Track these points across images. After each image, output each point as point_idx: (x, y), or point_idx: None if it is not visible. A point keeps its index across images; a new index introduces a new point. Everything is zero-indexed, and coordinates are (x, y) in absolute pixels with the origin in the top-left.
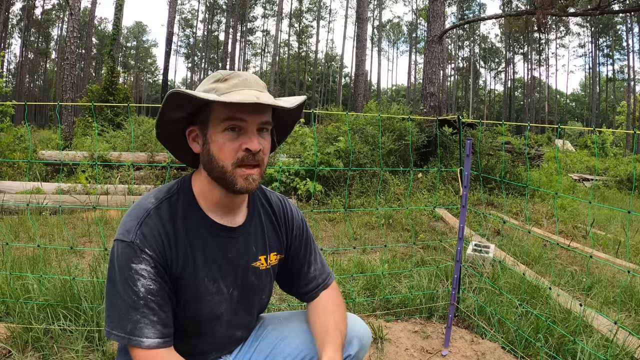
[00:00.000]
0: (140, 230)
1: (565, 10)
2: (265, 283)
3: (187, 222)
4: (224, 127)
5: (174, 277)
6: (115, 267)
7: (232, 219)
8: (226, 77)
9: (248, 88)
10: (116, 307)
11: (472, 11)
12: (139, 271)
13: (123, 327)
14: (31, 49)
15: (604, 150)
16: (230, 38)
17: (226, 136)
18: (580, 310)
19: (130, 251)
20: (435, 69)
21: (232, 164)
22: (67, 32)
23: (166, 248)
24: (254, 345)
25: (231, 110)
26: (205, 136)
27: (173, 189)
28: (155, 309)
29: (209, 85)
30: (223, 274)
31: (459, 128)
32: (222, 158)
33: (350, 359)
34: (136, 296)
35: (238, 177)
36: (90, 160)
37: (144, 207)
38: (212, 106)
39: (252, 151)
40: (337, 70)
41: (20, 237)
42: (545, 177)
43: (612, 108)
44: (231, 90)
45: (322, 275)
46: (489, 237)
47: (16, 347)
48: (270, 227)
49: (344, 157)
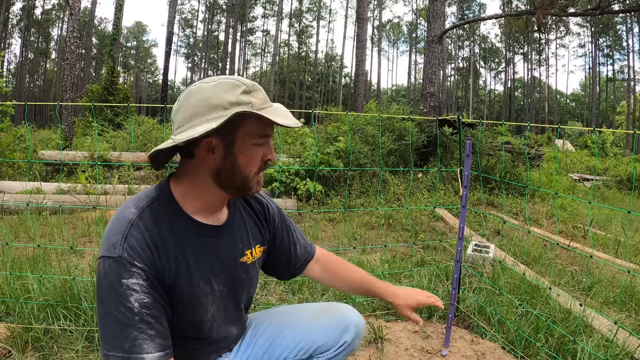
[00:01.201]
0: (126, 243)
1: (565, 10)
2: (252, 276)
3: (173, 227)
4: (257, 142)
5: (168, 286)
6: (105, 286)
7: (216, 218)
8: (250, 88)
9: (274, 105)
10: (111, 327)
11: (472, 11)
12: (130, 286)
13: (121, 347)
14: (31, 49)
15: (604, 150)
16: (230, 38)
17: (256, 150)
18: (580, 310)
19: (118, 267)
20: (435, 69)
21: (254, 173)
22: (67, 32)
23: (156, 258)
24: (253, 342)
25: (266, 127)
26: (232, 147)
27: (153, 195)
28: (152, 323)
29: (240, 97)
30: (215, 273)
31: (459, 128)
32: (249, 169)
33: (346, 345)
34: (131, 313)
35: (255, 182)
36: (90, 160)
37: (125, 219)
38: (243, 119)
39: (272, 161)
40: (337, 70)
41: (20, 237)
42: (545, 177)
43: (612, 108)
44: (265, 106)
45: (307, 248)
46: (489, 237)
47: (16, 347)
48: (251, 221)
49: (344, 157)
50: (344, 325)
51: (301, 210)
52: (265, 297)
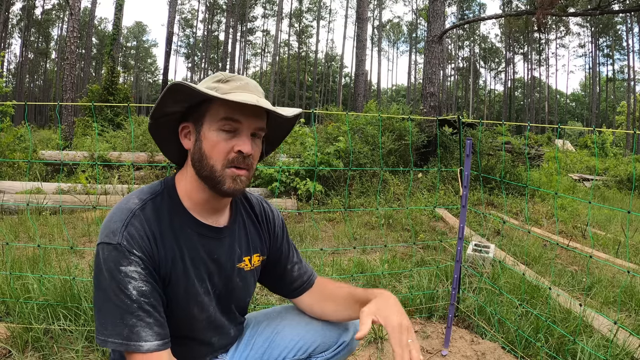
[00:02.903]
0: (126, 231)
1: (565, 10)
2: (249, 284)
3: (173, 222)
4: (220, 126)
5: (163, 278)
6: (104, 272)
7: (216, 220)
8: (228, 78)
9: (249, 92)
10: (109, 314)
11: (472, 11)
12: (129, 273)
13: (119, 333)
14: (31, 49)
15: (604, 150)
16: (230, 38)
17: (220, 135)
18: (580, 310)
19: (117, 254)
20: (435, 69)
21: (222, 164)
22: (67, 32)
23: (153, 248)
24: (250, 343)
25: (230, 111)
26: (199, 133)
27: (157, 190)
28: (150, 311)
29: (211, 84)
30: (210, 274)
31: (459, 128)
32: (214, 157)
33: (345, 345)
34: (129, 299)
35: (227, 177)
36: (90, 160)
37: (127, 208)
38: (210, 104)
39: (244, 154)
40: (337, 70)
41: (20, 237)
42: (545, 177)
43: (612, 108)
44: (233, 91)
45: (306, 273)
46: (489, 237)
47: (16, 347)
48: (252, 228)
49: (344, 157)
50: (343, 324)
51: (301, 210)
52: (265, 297)
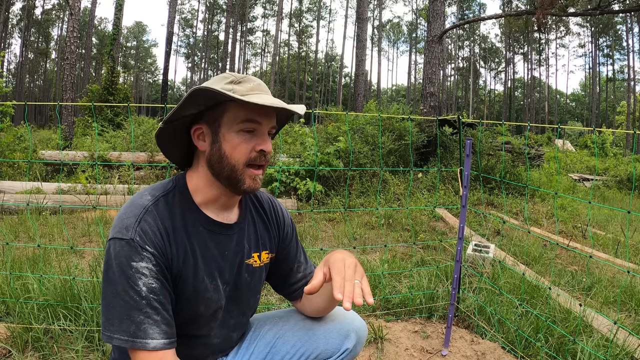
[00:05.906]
0: (139, 227)
1: (565, 10)
2: (258, 281)
3: (185, 219)
4: (241, 127)
5: (174, 275)
6: (114, 267)
7: (226, 217)
8: (240, 79)
9: (265, 93)
10: (117, 310)
11: (472, 11)
12: (140, 269)
13: (125, 330)
14: (31, 49)
15: (604, 150)
16: (230, 38)
17: (242, 137)
18: (580, 310)
19: (130, 249)
20: (435, 69)
21: (243, 163)
22: (67, 32)
23: (166, 245)
24: (252, 347)
25: (250, 112)
26: (217, 134)
27: (169, 187)
28: (159, 308)
29: (225, 85)
30: (220, 271)
31: (459, 128)
32: (235, 157)
33: (348, 352)
34: (138, 296)
35: (247, 176)
36: (90, 160)
37: (140, 204)
38: (228, 106)
39: (266, 152)
40: (337, 70)
41: (20, 237)
42: (545, 177)
43: (612, 108)
44: (250, 93)
45: (310, 275)
46: (489, 237)
47: (16, 347)
48: (262, 225)
49: (344, 157)
50: (345, 331)
51: (301, 210)
52: (265, 297)
